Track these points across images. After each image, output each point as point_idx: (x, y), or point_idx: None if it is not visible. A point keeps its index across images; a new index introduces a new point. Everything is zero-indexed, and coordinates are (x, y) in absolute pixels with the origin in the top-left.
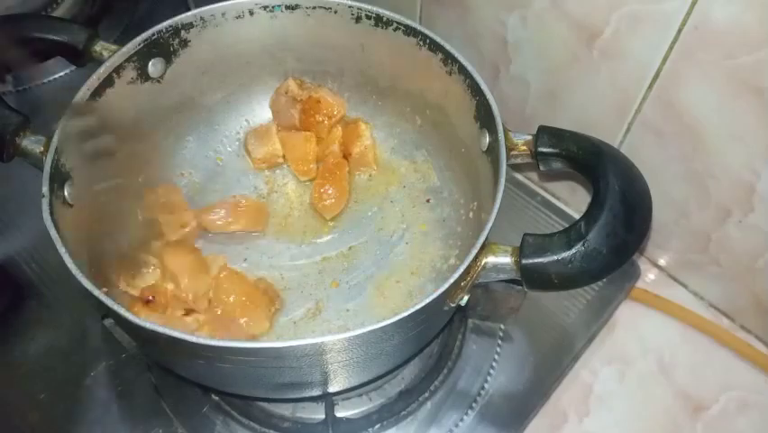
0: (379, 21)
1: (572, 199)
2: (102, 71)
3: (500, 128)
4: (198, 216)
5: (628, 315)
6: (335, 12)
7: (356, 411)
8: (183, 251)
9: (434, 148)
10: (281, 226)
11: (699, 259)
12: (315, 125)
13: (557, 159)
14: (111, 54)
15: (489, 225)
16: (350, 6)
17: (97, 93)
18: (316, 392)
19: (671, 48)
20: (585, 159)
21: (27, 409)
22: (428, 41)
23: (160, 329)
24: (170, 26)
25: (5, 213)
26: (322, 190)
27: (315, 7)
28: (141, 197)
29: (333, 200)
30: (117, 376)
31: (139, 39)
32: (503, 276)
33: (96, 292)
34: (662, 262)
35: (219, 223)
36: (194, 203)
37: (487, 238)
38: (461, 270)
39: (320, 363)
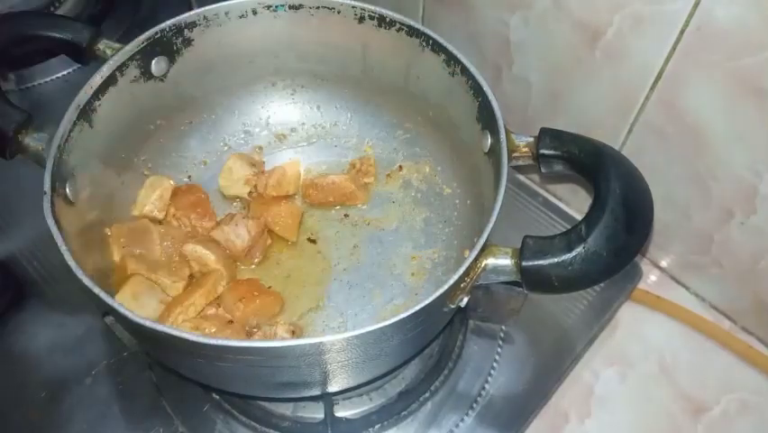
0: (382, 21)
1: (574, 200)
2: (105, 69)
3: (502, 130)
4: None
5: (630, 316)
6: (339, 12)
7: (356, 411)
8: None
9: (436, 149)
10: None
11: (700, 260)
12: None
13: (558, 161)
14: (114, 52)
15: (490, 226)
16: (353, 6)
17: (100, 91)
18: (316, 392)
19: (673, 49)
20: (586, 161)
21: (28, 408)
22: (431, 41)
23: (160, 327)
24: (174, 25)
25: (7, 210)
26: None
27: (318, 7)
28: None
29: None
30: (118, 374)
31: (142, 37)
32: (503, 278)
33: (97, 290)
34: (663, 263)
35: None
36: None
37: (487, 239)
38: (461, 271)
39: (319, 363)
